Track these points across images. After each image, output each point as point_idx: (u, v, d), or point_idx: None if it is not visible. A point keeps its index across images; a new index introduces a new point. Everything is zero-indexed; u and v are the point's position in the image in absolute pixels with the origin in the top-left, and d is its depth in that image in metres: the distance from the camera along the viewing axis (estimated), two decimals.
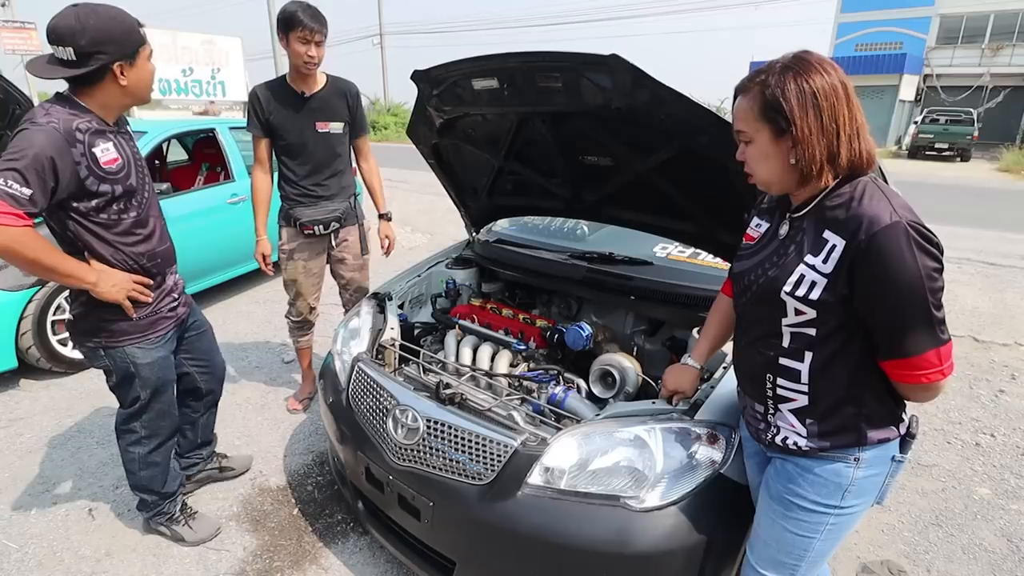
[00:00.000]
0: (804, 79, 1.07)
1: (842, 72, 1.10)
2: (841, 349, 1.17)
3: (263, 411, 3.20)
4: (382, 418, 1.87)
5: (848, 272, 1.09)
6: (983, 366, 3.86)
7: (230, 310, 4.76)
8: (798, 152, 1.09)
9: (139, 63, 1.71)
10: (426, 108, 2.25)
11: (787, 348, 1.22)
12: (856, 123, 1.09)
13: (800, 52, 1.12)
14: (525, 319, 2.37)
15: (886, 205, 1.06)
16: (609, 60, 1.60)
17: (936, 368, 1.09)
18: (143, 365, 1.91)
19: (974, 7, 24.19)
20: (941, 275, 1.07)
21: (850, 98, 1.09)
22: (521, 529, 1.56)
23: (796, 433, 1.26)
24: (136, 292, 1.83)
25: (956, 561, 2.20)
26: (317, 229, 2.82)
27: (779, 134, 1.11)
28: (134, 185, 1.79)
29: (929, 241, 1.05)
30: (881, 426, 1.21)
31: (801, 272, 1.14)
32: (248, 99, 2.75)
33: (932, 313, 1.06)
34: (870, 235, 1.05)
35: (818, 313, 1.14)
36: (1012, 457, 2.86)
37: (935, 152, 18.87)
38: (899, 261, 1.03)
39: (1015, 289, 5.48)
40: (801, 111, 1.07)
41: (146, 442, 2.04)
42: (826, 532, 1.28)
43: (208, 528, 2.25)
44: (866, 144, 1.11)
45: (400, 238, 7.36)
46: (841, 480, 1.24)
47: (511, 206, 2.72)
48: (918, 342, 1.08)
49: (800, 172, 1.12)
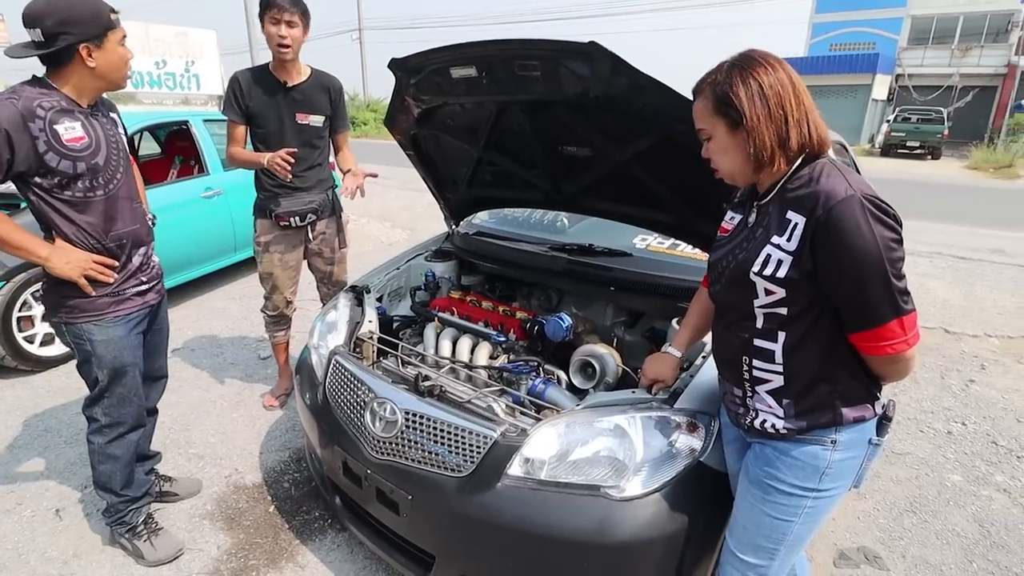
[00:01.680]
0: (749, 73, 1.13)
1: (786, 65, 1.16)
2: (812, 327, 1.19)
3: (238, 408, 3.14)
4: (360, 412, 1.84)
5: (811, 247, 1.12)
6: (954, 357, 3.94)
7: (204, 306, 4.67)
8: (751, 140, 1.14)
9: (108, 46, 1.70)
10: (404, 98, 2.22)
11: (761, 329, 1.24)
12: (803, 108, 1.14)
13: (746, 51, 1.18)
14: (505, 311, 2.36)
15: (842, 181, 1.11)
16: (588, 48, 1.58)
17: (901, 338, 1.12)
18: (99, 343, 1.87)
19: (944, 9, 24.75)
20: (900, 246, 1.09)
21: (795, 86, 1.14)
22: (501, 521, 1.54)
23: (774, 415, 1.27)
24: (95, 272, 1.80)
25: (930, 547, 2.24)
26: (293, 221, 2.77)
27: (734, 127, 1.16)
28: (100, 165, 1.78)
29: (885, 212, 1.08)
30: (856, 403, 1.23)
31: (768, 252, 1.18)
32: (228, 83, 2.69)
33: (892, 282, 1.08)
34: (827, 209, 1.08)
35: (787, 291, 1.17)
36: (982, 445, 2.92)
37: (907, 150, 19.27)
38: (856, 232, 1.06)
39: (984, 282, 5.61)
40: (749, 101, 1.12)
41: (107, 431, 1.98)
42: (804, 515, 1.29)
43: (170, 548, 2.12)
44: (816, 128, 1.16)
45: (379, 234, 7.33)
46: (818, 463, 1.25)
47: (491, 198, 2.69)
48: (880, 312, 1.11)
49: (757, 159, 1.16)
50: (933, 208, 9.28)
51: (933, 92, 24.11)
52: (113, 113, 1.93)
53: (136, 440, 2.07)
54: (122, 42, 1.74)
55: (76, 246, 1.78)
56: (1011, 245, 7.04)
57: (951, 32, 25.14)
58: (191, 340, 3.99)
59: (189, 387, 3.35)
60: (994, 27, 24.65)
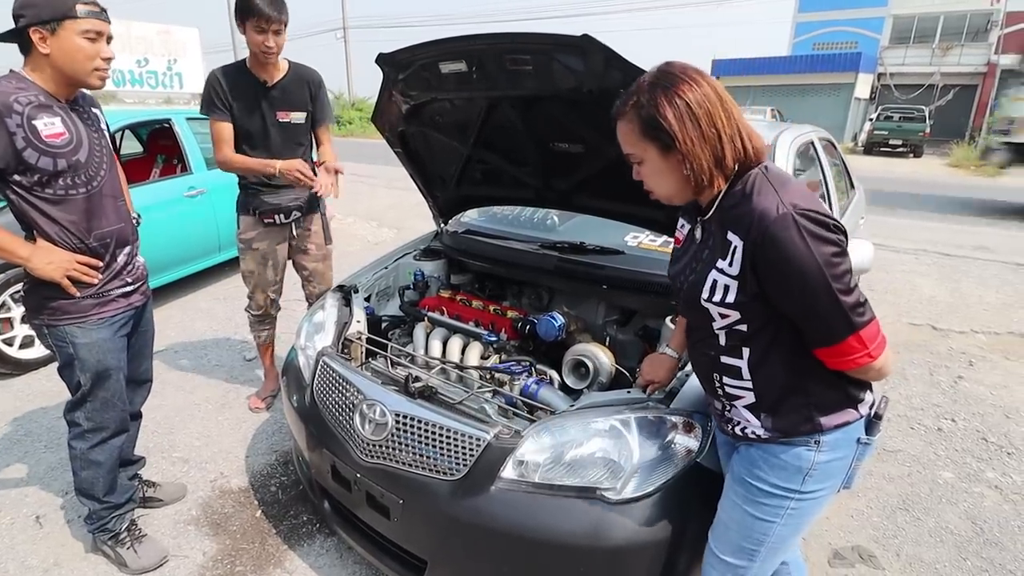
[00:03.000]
0: (674, 92, 1.07)
1: (708, 77, 1.11)
2: (774, 342, 1.16)
3: (224, 410, 3.08)
4: (348, 414, 1.80)
5: (752, 270, 1.09)
6: (942, 353, 3.97)
7: (188, 307, 4.59)
8: (687, 163, 1.09)
9: (62, 35, 1.61)
10: (392, 93, 2.17)
11: (725, 346, 1.21)
12: (734, 120, 1.10)
13: (663, 65, 1.12)
14: (496, 310, 2.32)
15: (773, 197, 1.06)
16: (581, 41, 1.56)
17: (862, 352, 1.08)
18: (82, 345, 1.81)
19: (925, 8, 25.04)
20: (843, 258, 1.05)
21: (722, 99, 1.09)
22: (495, 525, 1.51)
23: (754, 425, 1.25)
24: (79, 272, 1.74)
25: (924, 544, 2.24)
26: (278, 218, 2.72)
27: (666, 150, 1.11)
28: (82, 162, 1.72)
29: (823, 226, 1.04)
30: (834, 411, 1.19)
31: (713, 278, 1.15)
32: (207, 82, 2.61)
33: (839, 299, 1.04)
34: (761, 231, 1.05)
35: (741, 313, 1.15)
36: (972, 441, 2.93)
37: (889, 148, 19.48)
38: (793, 253, 1.03)
39: (969, 278, 5.66)
40: (679, 124, 1.07)
41: (89, 436, 1.92)
42: (786, 517, 1.26)
43: (154, 555, 2.06)
44: (750, 140, 1.11)
45: (366, 233, 7.27)
46: (802, 464, 1.22)
47: (480, 196, 2.66)
48: (834, 330, 1.07)
49: (695, 182, 1.12)
50: (916, 205, 9.37)
51: (915, 91, 24.39)
52: (95, 109, 1.88)
53: (119, 445, 2.01)
54: (86, 35, 1.64)
55: (58, 246, 1.73)
56: (994, 241, 7.12)
57: (932, 31, 25.45)
58: (175, 342, 3.92)
59: (173, 390, 3.28)
60: (974, 26, 24.98)
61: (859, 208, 3.96)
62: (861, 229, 3.84)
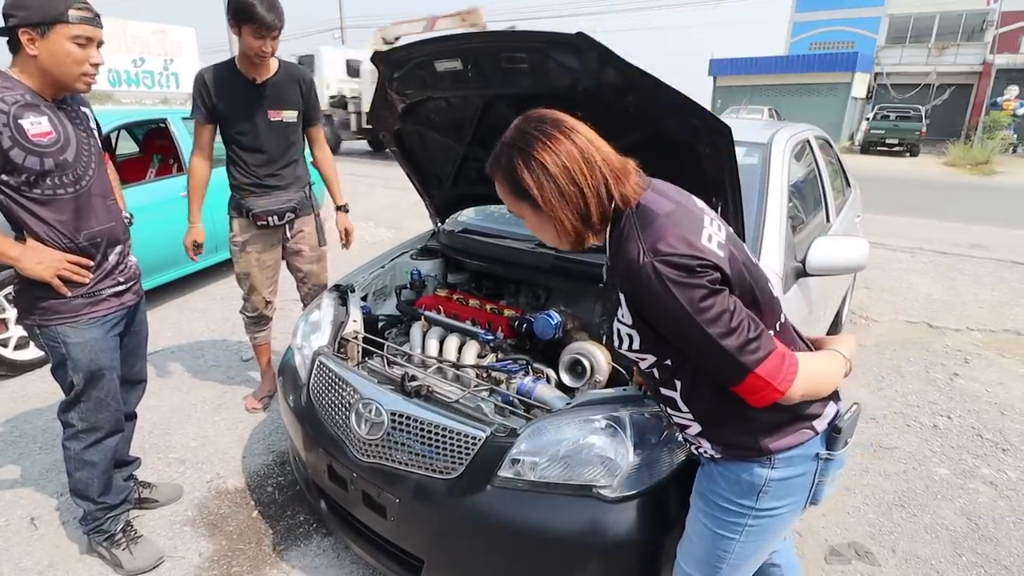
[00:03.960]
0: (530, 155, 1.05)
1: (566, 124, 1.07)
2: (697, 374, 1.12)
3: (220, 411, 3.08)
4: (344, 413, 1.79)
5: (640, 318, 1.07)
6: (938, 351, 3.98)
7: (185, 307, 4.58)
8: (553, 222, 1.08)
9: (52, 39, 1.60)
10: (387, 92, 2.17)
11: (660, 380, 1.18)
12: (597, 173, 1.06)
13: (520, 122, 1.11)
14: (492, 309, 2.32)
15: (635, 245, 1.02)
16: (575, 39, 1.56)
17: (769, 388, 1.03)
18: (74, 345, 1.80)
19: (921, 8, 25.12)
20: (714, 298, 1.00)
21: (583, 152, 1.05)
22: (491, 523, 1.51)
23: (706, 447, 1.22)
24: (69, 272, 1.74)
25: (920, 541, 2.24)
26: (271, 220, 2.71)
27: (535, 207, 1.08)
28: (70, 161, 1.71)
29: (684, 270, 0.98)
30: (782, 434, 1.14)
31: (618, 328, 1.14)
32: (194, 83, 2.60)
33: (720, 344, 1.00)
34: (629, 283, 1.03)
35: (655, 356, 1.13)
36: (968, 438, 2.94)
37: (886, 147, 19.54)
38: (660, 303, 1.00)
39: (965, 277, 5.67)
40: (538, 187, 1.04)
41: (83, 437, 1.91)
42: (746, 533, 1.21)
43: (149, 556, 2.05)
44: (618, 189, 1.07)
45: (364, 233, 7.25)
46: (755, 480, 1.17)
47: (477, 195, 2.65)
48: (731, 372, 1.03)
49: (567, 238, 1.11)
50: (913, 204, 9.40)
51: (911, 90, 24.47)
52: (84, 108, 1.87)
53: (114, 446, 2.00)
54: (76, 40, 1.62)
55: (48, 245, 1.72)
56: (990, 240, 7.14)
57: (928, 31, 25.55)
58: (171, 342, 3.91)
59: (169, 390, 3.27)
60: (969, 26, 25.09)
61: (855, 206, 3.97)
62: (857, 227, 3.85)
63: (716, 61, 27.39)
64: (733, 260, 1.06)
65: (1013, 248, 6.74)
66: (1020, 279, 5.64)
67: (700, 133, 1.57)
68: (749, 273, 1.10)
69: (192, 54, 10.86)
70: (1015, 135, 20.65)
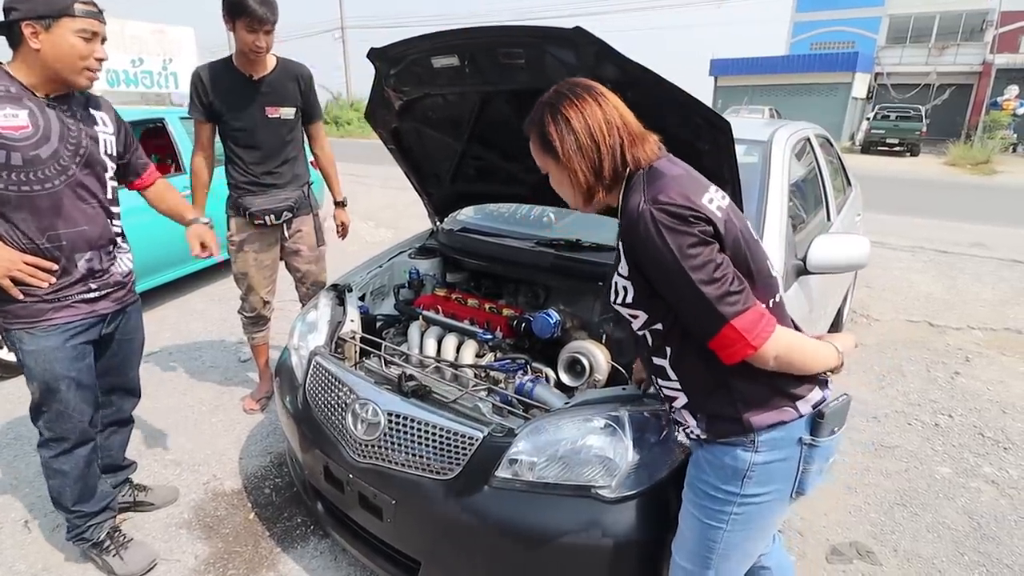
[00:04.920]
0: (559, 110, 1.15)
1: (597, 93, 1.17)
2: (687, 337, 1.16)
3: (217, 412, 3.06)
4: (341, 414, 1.78)
5: (636, 268, 1.13)
6: (939, 350, 3.96)
7: (183, 308, 4.56)
8: (568, 173, 1.16)
9: (57, 32, 1.58)
10: (384, 89, 2.15)
11: (652, 347, 1.23)
12: (616, 134, 1.14)
13: (558, 85, 1.20)
14: (491, 308, 2.30)
15: (639, 195, 1.10)
16: (573, 34, 1.54)
17: (742, 342, 1.06)
18: (28, 353, 1.73)
19: (921, 8, 25.11)
20: (702, 248, 1.05)
21: (606, 113, 1.14)
22: (489, 524, 1.50)
23: (692, 426, 1.25)
24: (24, 274, 1.65)
25: (921, 540, 2.23)
26: (268, 219, 2.69)
27: (557, 162, 1.17)
28: (41, 158, 1.64)
29: (678, 218, 1.05)
30: (763, 408, 1.16)
31: (615, 281, 1.20)
32: (191, 81, 2.58)
33: (701, 290, 1.04)
34: (627, 229, 1.10)
35: (646, 312, 1.17)
36: (970, 436, 2.92)
37: (886, 147, 19.50)
38: (651, 247, 1.06)
39: (965, 275, 5.66)
40: (560, 139, 1.14)
41: (52, 445, 1.85)
42: (732, 522, 1.23)
43: (141, 560, 2.01)
44: (632, 152, 1.15)
45: (363, 233, 7.23)
46: (739, 465, 1.18)
47: (475, 193, 2.64)
48: (707, 322, 1.07)
49: (580, 191, 1.18)
50: (913, 203, 9.38)
51: (911, 90, 24.44)
52: (98, 111, 1.82)
53: (85, 455, 1.91)
54: (81, 35, 1.61)
55: (5, 243, 1.64)
56: (991, 239, 7.12)
57: (928, 31, 25.52)
58: (168, 343, 3.89)
59: (166, 392, 3.25)
60: (969, 26, 25.06)
61: (856, 205, 3.95)
62: (858, 226, 3.83)
63: (717, 61, 27.37)
64: (729, 224, 1.11)
65: (1014, 247, 6.72)
66: (1021, 278, 5.62)
67: (700, 129, 1.55)
68: (747, 245, 1.14)
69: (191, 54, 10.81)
70: (1015, 135, 20.60)
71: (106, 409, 2.08)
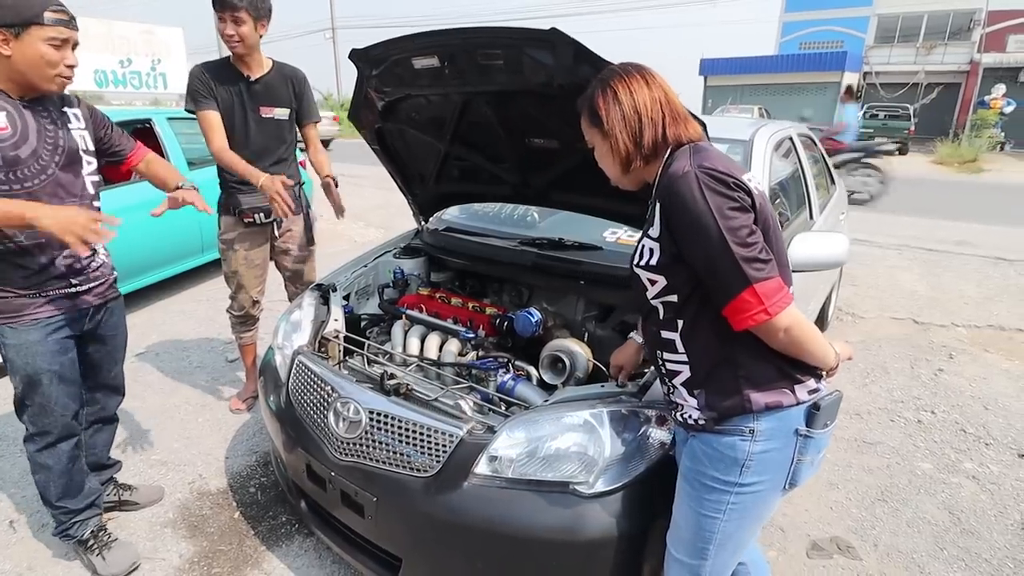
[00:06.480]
0: (608, 84, 1.23)
1: (646, 73, 1.24)
2: (701, 310, 1.20)
3: (204, 412, 3.05)
4: (323, 412, 1.78)
5: (667, 228, 1.17)
6: (923, 347, 4.00)
7: (170, 309, 4.54)
8: (611, 141, 1.23)
9: (26, 40, 1.58)
10: (366, 90, 2.16)
11: (663, 320, 1.26)
12: (660, 109, 1.21)
13: (614, 65, 1.28)
14: (474, 307, 2.31)
15: (685, 160, 1.15)
16: (549, 35, 1.56)
17: (758, 308, 1.10)
18: (11, 347, 1.76)
19: (909, 8, 25.28)
20: (739, 213, 1.11)
21: (651, 90, 1.21)
22: (468, 521, 1.51)
23: (692, 407, 1.27)
24: (95, 234, 1.60)
25: (902, 535, 2.25)
26: (258, 217, 2.69)
27: (603, 134, 1.24)
28: (21, 158, 1.66)
29: (722, 183, 1.11)
30: (766, 387, 1.20)
31: (643, 244, 1.25)
32: (190, 76, 2.59)
33: (733, 249, 1.08)
34: (668, 187, 1.15)
35: (666, 278, 1.21)
36: (951, 433, 2.96)
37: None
38: (691, 202, 1.10)
39: (950, 273, 5.71)
40: (605, 106, 1.22)
41: (36, 440, 1.87)
42: (729, 512, 1.25)
43: (123, 561, 2.00)
44: (673, 129, 1.21)
45: (354, 233, 7.23)
46: (737, 454, 1.22)
47: (459, 193, 2.65)
48: (730, 283, 1.11)
49: (619, 160, 1.24)
50: (901, 201, 9.45)
51: (899, 89, 24.60)
52: (72, 109, 1.83)
53: (69, 451, 1.92)
54: (51, 42, 1.61)
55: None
56: (976, 237, 7.19)
57: (916, 30, 25.71)
58: (156, 343, 3.88)
59: (153, 391, 3.24)
60: (957, 25, 25.25)
61: (840, 204, 3.99)
62: (842, 225, 3.87)
63: (706, 61, 27.48)
64: (764, 205, 1.17)
65: (998, 244, 6.79)
66: (1004, 275, 5.68)
67: None
68: (773, 232, 1.19)
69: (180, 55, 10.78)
70: (1002, 133, 20.77)
71: (90, 407, 2.10)
